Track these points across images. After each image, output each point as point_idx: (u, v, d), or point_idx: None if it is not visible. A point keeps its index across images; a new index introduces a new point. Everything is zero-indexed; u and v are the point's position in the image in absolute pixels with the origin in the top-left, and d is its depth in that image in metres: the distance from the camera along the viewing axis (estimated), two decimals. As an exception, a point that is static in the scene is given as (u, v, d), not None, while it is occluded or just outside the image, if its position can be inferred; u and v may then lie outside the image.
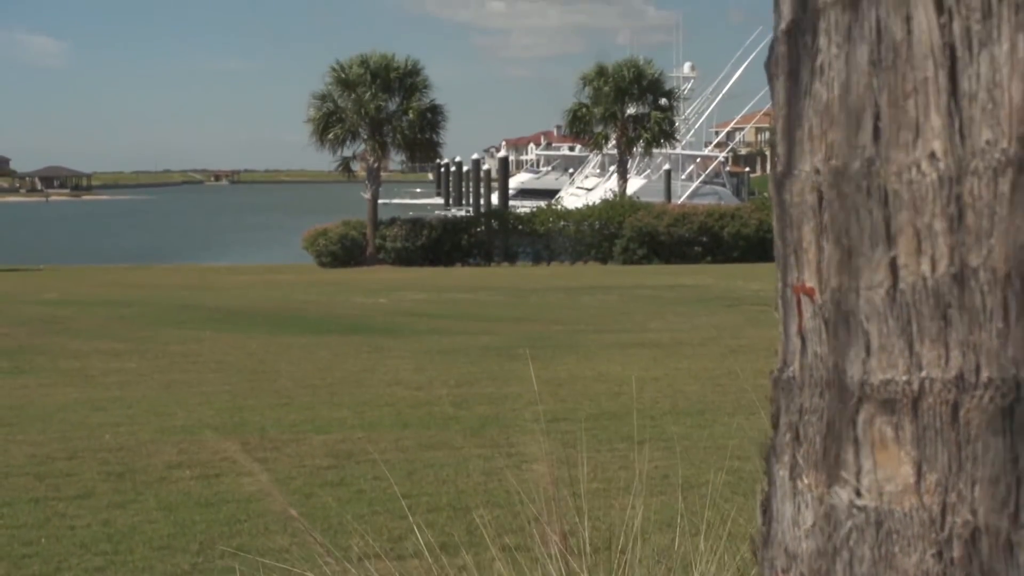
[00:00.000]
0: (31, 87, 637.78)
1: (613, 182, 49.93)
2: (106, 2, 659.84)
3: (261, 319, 19.32)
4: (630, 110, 46.35)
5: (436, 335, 16.43)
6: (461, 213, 55.71)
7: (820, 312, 1.24)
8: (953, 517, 1.14)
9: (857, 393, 1.20)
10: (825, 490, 1.24)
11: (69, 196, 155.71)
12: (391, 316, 20.16)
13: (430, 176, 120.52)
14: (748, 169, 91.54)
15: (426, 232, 40.46)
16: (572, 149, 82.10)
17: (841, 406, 1.22)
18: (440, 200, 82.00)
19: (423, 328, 17.65)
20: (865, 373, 1.19)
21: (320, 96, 40.76)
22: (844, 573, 1.23)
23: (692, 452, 7.32)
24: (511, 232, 41.60)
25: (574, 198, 54.51)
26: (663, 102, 47.34)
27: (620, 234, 39.83)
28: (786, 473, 1.30)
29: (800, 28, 1.27)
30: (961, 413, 1.13)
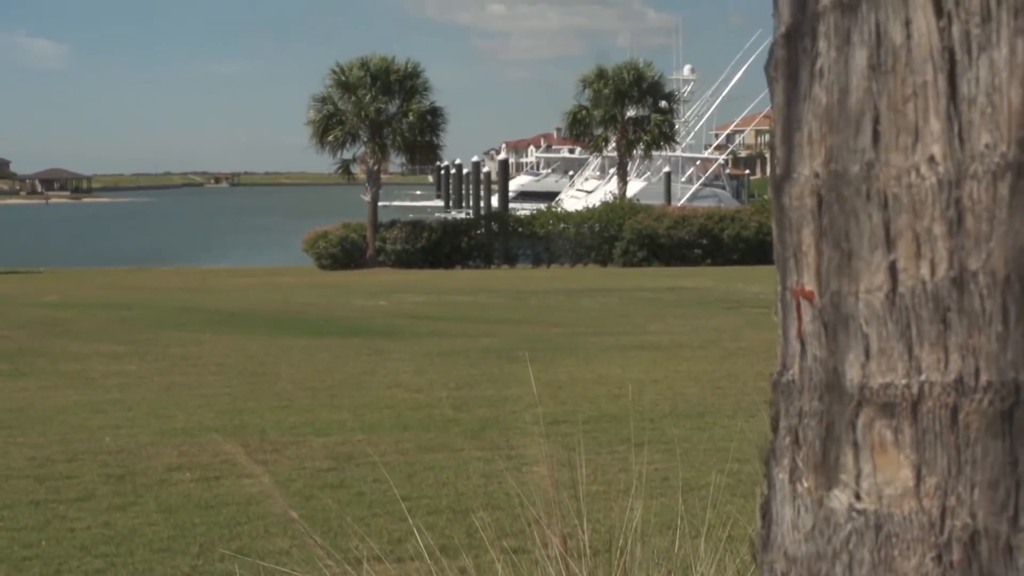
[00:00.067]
0: (31, 90, 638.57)
1: (613, 184, 49.94)
2: (107, 5, 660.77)
3: (261, 321, 19.32)
4: (630, 112, 46.36)
5: (436, 337, 16.43)
6: (461, 215, 55.77)
7: (819, 315, 1.24)
8: (952, 520, 1.14)
9: (856, 396, 1.20)
10: (824, 493, 1.24)
11: (69, 198, 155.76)
12: (391, 318, 20.17)
13: (430, 179, 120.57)
14: (748, 171, 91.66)
15: (426, 234, 40.47)
16: (572, 151, 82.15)
17: (840, 409, 1.22)
18: (440, 202, 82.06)
19: (423, 330, 17.65)
20: (864, 377, 1.20)
21: (320, 98, 40.78)
22: (843, 576, 1.23)
23: (692, 454, 7.31)
24: (511, 234, 41.61)
25: (574, 200, 54.54)
26: (663, 104, 47.39)
27: (620, 236, 39.84)
28: (785, 476, 1.30)
29: (799, 31, 1.27)
30: (960, 416, 1.13)
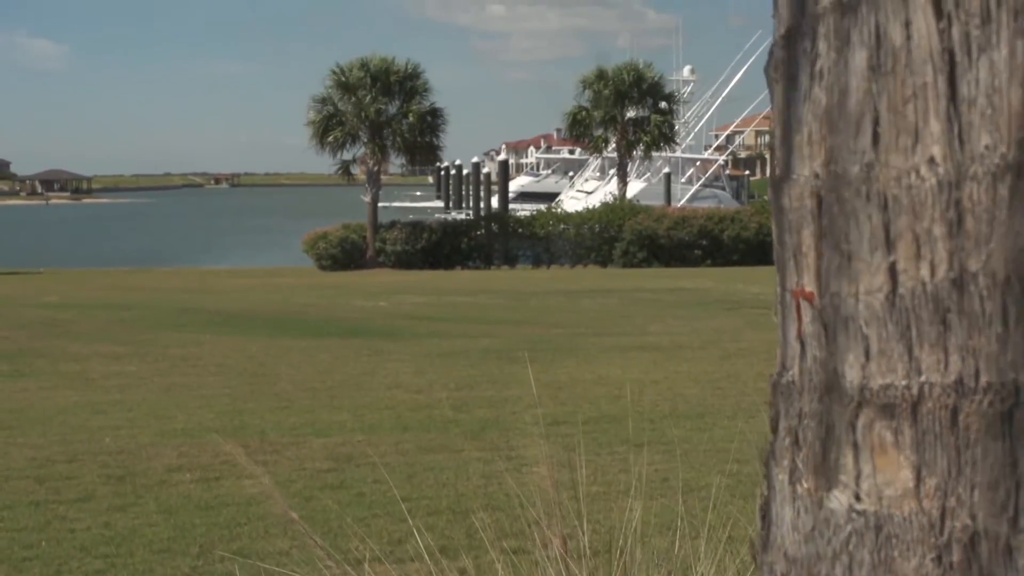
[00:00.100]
0: (31, 90, 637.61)
1: (613, 185, 49.95)
2: (107, 6, 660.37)
3: (261, 322, 19.32)
4: (630, 113, 46.38)
5: (436, 338, 16.43)
6: (461, 216, 55.76)
7: (819, 316, 1.24)
8: (952, 521, 1.14)
9: (856, 398, 1.20)
10: (824, 494, 1.24)
11: (69, 199, 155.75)
12: (391, 319, 20.16)
13: (430, 179, 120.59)
14: (748, 172, 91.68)
15: (426, 235, 40.47)
16: (572, 152, 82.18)
17: (840, 410, 1.22)
18: (440, 203, 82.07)
19: (423, 331, 17.65)
20: (864, 378, 1.20)
21: (320, 99, 40.79)
22: (843, 577, 1.23)
23: (692, 455, 7.31)
24: (511, 235, 41.61)
25: (574, 201, 54.54)
26: (663, 105, 47.40)
27: (620, 237, 39.84)
28: (785, 477, 1.30)
29: (799, 33, 1.27)
30: (960, 418, 1.13)
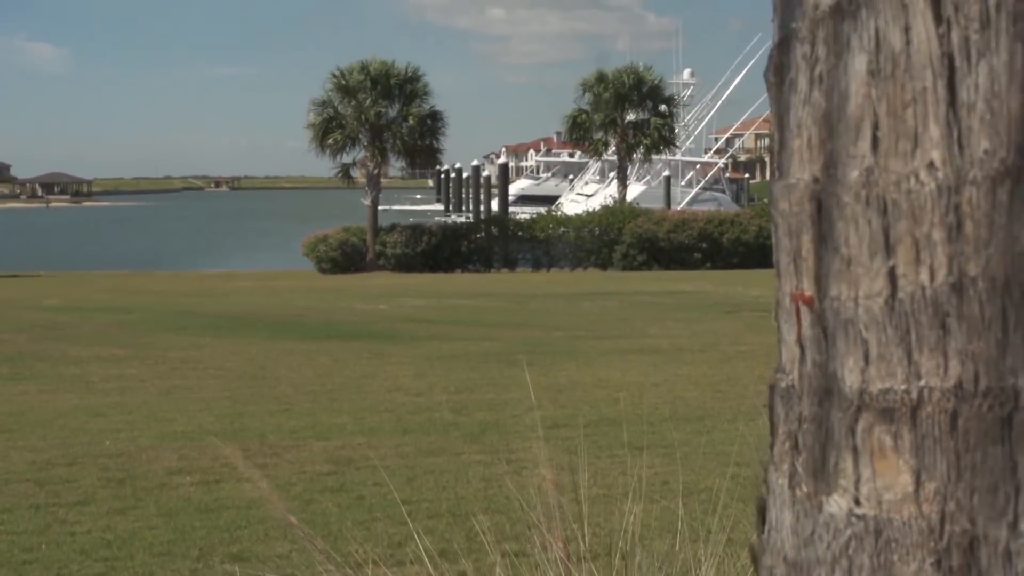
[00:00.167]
0: (32, 94, 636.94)
1: (613, 188, 49.98)
2: (107, 9, 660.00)
3: (261, 325, 19.32)
4: (630, 116, 46.40)
5: (436, 341, 16.43)
6: (461, 219, 55.77)
7: (819, 321, 1.24)
8: (952, 526, 1.14)
9: (856, 402, 1.20)
10: (824, 499, 1.24)
11: (70, 202, 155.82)
12: (391, 322, 20.16)
13: (430, 182, 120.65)
14: (748, 175, 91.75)
15: (426, 238, 40.47)
16: (572, 155, 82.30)
17: (840, 415, 1.22)
18: (440, 206, 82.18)
19: (423, 334, 17.65)
20: (864, 382, 1.20)
21: (320, 102, 40.79)
22: (843, 581, 1.23)
23: (692, 458, 7.31)
24: (511, 238, 41.62)
25: (574, 204, 54.60)
26: (663, 108, 47.41)
27: (620, 240, 39.85)
28: (785, 481, 1.30)
29: (799, 37, 1.27)
30: (960, 422, 1.13)
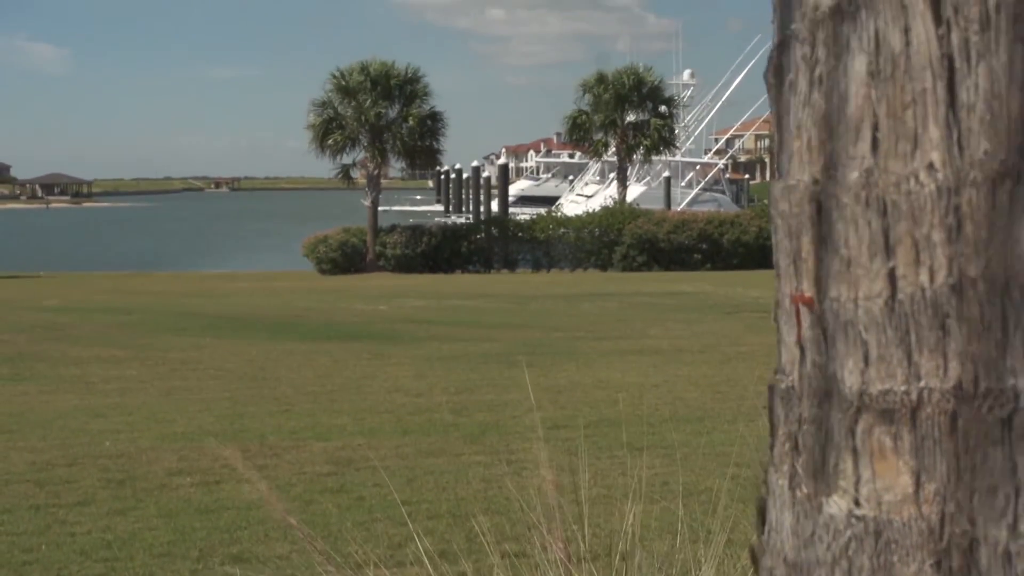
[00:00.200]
0: (32, 94, 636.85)
1: (613, 189, 49.99)
2: (107, 10, 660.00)
3: (261, 326, 19.32)
4: (630, 117, 46.41)
5: (436, 342, 16.44)
6: (461, 220, 55.78)
7: (819, 322, 1.24)
8: (952, 527, 1.14)
9: (856, 403, 1.20)
10: (824, 500, 1.24)
11: (70, 203, 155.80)
12: (391, 323, 20.16)
13: (430, 183, 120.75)
14: (748, 176, 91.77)
15: (426, 239, 40.47)
16: (572, 156, 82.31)
17: (839, 416, 1.22)
18: (440, 207, 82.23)
19: (423, 335, 17.65)
20: (864, 383, 1.20)
21: (320, 103, 40.80)
22: (843, 582, 1.23)
23: (692, 459, 7.32)
24: (511, 239, 41.62)
25: (574, 205, 54.62)
26: (663, 109, 47.42)
27: (620, 241, 39.86)
28: (785, 482, 1.30)
29: (799, 38, 1.27)
30: (959, 423, 1.13)
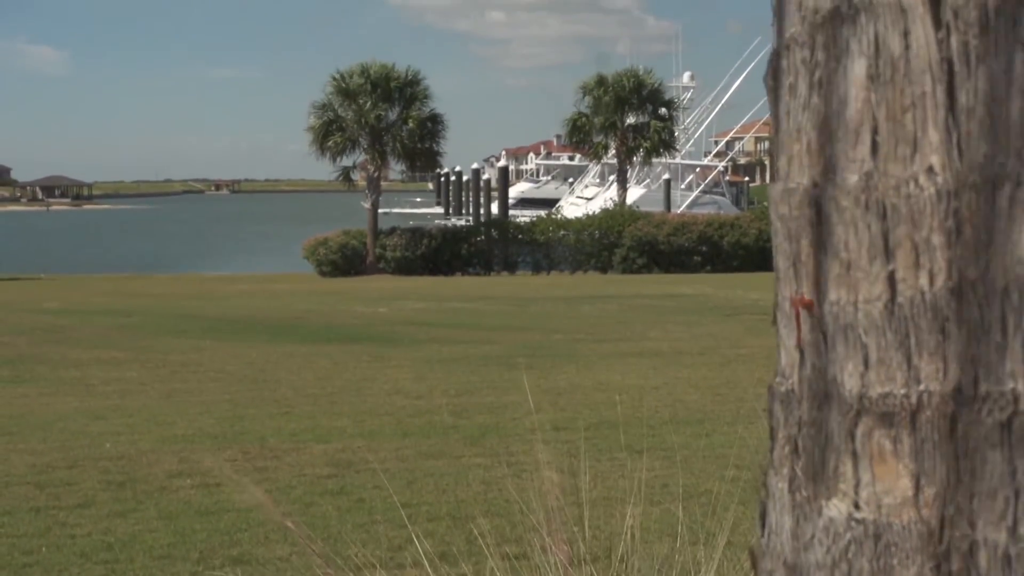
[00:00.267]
0: (32, 96, 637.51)
1: (613, 191, 49.98)
2: (107, 12, 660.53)
3: (261, 328, 19.32)
4: (630, 120, 46.40)
5: (436, 344, 16.44)
6: (461, 222, 55.76)
7: (818, 325, 1.25)
8: (951, 530, 1.14)
9: (855, 406, 1.20)
10: (824, 503, 1.24)
11: (70, 205, 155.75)
12: (391, 325, 20.16)
13: (430, 186, 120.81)
14: (747, 178, 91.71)
15: (426, 241, 40.46)
16: (572, 159, 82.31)
17: (839, 419, 1.22)
18: (440, 209, 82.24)
19: (423, 337, 17.65)
20: (863, 386, 1.20)
21: (320, 105, 40.79)
22: (843, 585, 1.23)
23: (692, 461, 7.32)
24: (511, 241, 41.61)
25: (574, 207, 54.56)
26: (663, 112, 47.40)
27: (620, 243, 39.86)
28: (785, 486, 1.31)
29: (798, 41, 1.27)
30: (959, 426, 1.13)
